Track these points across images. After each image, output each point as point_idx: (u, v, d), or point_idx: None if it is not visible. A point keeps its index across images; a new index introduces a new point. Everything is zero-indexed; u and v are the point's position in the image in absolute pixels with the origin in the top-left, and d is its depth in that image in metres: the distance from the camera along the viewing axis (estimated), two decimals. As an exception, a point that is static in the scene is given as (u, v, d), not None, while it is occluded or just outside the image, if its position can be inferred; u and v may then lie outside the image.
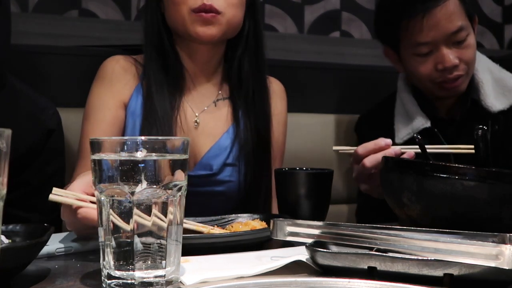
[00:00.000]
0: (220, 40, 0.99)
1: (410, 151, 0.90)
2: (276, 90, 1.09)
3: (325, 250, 0.57)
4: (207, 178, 0.98)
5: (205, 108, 1.01)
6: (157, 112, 0.96)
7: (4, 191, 0.42)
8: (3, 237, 0.58)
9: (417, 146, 0.84)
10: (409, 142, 1.10)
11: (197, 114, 1.00)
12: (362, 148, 0.91)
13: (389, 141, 0.90)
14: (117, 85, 1.00)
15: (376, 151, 0.89)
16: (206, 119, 1.01)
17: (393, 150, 0.89)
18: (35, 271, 0.59)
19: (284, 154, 1.12)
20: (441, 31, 1.06)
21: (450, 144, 1.00)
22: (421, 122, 1.13)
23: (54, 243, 0.66)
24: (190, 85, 1.02)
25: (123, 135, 0.99)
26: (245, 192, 1.00)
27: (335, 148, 1.01)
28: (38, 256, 0.59)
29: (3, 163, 0.41)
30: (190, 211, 0.85)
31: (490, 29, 1.92)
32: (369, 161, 0.89)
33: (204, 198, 0.98)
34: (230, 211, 0.86)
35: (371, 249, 0.57)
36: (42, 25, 1.33)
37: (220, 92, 1.04)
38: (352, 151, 0.94)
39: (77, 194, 0.66)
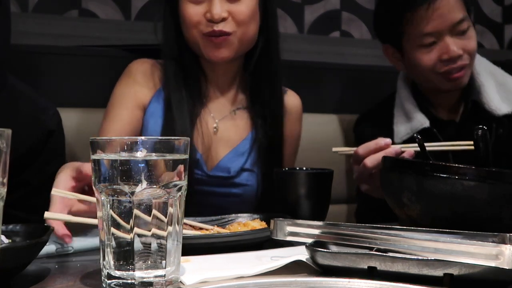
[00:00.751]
0: (234, 58, 1.01)
1: (410, 149, 0.90)
2: (291, 104, 1.11)
3: (325, 250, 0.57)
4: (224, 180, 1.01)
5: (224, 116, 1.05)
6: (176, 118, 0.99)
7: (4, 191, 0.42)
8: (3, 237, 0.58)
9: (417, 145, 0.84)
10: (408, 141, 1.10)
11: (216, 121, 1.04)
12: (362, 149, 0.91)
13: (388, 140, 0.90)
14: (138, 87, 1.03)
15: (376, 150, 0.89)
16: (225, 126, 1.05)
17: (393, 149, 0.90)
18: (35, 271, 0.59)
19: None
20: (445, 21, 1.08)
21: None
22: (420, 122, 1.13)
23: (54, 243, 0.66)
24: (210, 94, 1.05)
25: (140, 135, 1.02)
26: (261, 196, 1.04)
27: (334, 149, 1.01)
28: (38, 256, 0.59)
29: (3, 163, 0.41)
30: (206, 211, 0.91)
31: (490, 29, 1.91)
32: (370, 161, 0.89)
33: (221, 199, 1.01)
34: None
35: (371, 249, 0.57)
36: (42, 25, 1.33)
37: (238, 101, 1.07)
38: (352, 152, 0.94)
39: (77, 195, 0.66)
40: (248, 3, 0.97)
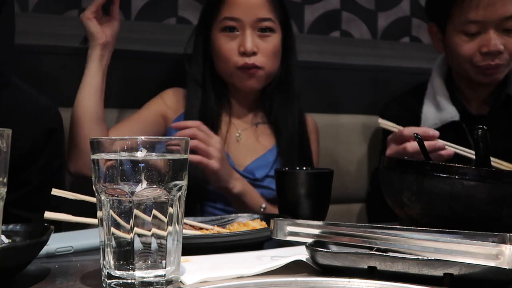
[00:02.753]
0: (261, 87, 1.14)
1: (451, 149, 0.89)
2: (311, 126, 1.23)
3: (325, 250, 0.57)
4: (251, 181, 1.11)
5: (247, 128, 1.17)
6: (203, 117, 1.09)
7: (4, 191, 0.42)
8: (3, 237, 0.58)
9: (458, 146, 0.84)
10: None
11: (239, 131, 1.16)
12: (408, 131, 0.90)
13: (437, 133, 0.90)
14: (165, 107, 1.15)
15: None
16: (247, 136, 1.16)
17: (437, 142, 0.89)
18: (35, 271, 0.59)
19: None
20: (495, 12, 1.07)
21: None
22: (451, 115, 1.13)
23: (54, 243, 0.66)
24: (233, 111, 1.17)
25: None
26: None
27: (381, 121, 1.01)
28: (38, 256, 0.59)
29: (4, 163, 0.41)
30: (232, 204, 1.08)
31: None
32: (411, 146, 0.89)
33: None
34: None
35: (371, 248, 0.57)
36: (42, 25, 1.32)
37: (259, 117, 1.18)
38: (396, 129, 0.93)
39: (77, 195, 0.66)
40: (274, 41, 1.10)
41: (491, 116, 1.16)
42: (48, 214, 0.64)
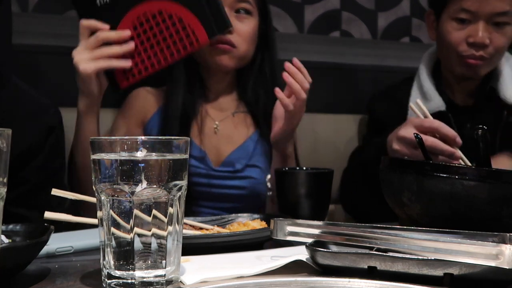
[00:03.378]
0: (233, 69, 1.11)
1: (464, 160, 0.87)
2: None
3: (325, 250, 0.57)
4: (231, 173, 1.09)
5: (224, 118, 1.13)
6: (174, 112, 1.08)
7: (4, 191, 0.42)
8: (3, 237, 0.58)
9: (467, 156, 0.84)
10: None
11: (216, 122, 1.12)
12: (430, 142, 0.85)
13: (460, 141, 0.87)
14: (135, 111, 1.13)
15: (442, 141, 0.87)
16: (226, 126, 1.13)
17: (456, 152, 0.86)
18: (35, 271, 0.59)
19: None
20: (488, 6, 1.08)
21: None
22: (437, 105, 1.14)
23: (54, 243, 0.66)
24: (209, 101, 1.13)
25: None
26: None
27: (413, 105, 0.96)
28: (38, 256, 0.59)
29: (4, 163, 0.41)
30: (215, 201, 1.07)
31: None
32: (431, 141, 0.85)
33: (229, 190, 1.09)
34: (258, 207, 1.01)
35: (371, 248, 0.57)
36: (42, 25, 1.32)
37: (236, 106, 1.15)
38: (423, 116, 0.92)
39: (77, 195, 0.66)
40: (250, 23, 1.09)
41: (475, 108, 1.17)
42: (48, 214, 0.64)
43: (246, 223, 0.75)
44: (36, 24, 1.32)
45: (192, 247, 0.63)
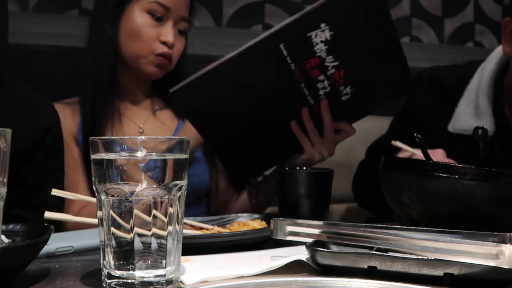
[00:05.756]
0: None
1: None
2: None
3: (325, 250, 0.57)
4: None
5: (146, 118, 1.12)
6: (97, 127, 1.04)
7: (4, 191, 0.42)
8: (3, 237, 0.58)
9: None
10: (456, 137, 1.00)
11: (140, 125, 1.11)
12: (420, 157, 0.80)
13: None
14: (70, 131, 1.06)
15: None
16: (150, 127, 1.12)
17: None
18: (35, 271, 0.59)
19: None
20: None
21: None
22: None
23: (54, 243, 0.66)
24: (126, 105, 1.11)
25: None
26: (208, 185, 1.10)
27: (396, 143, 0.93)
28: (38, 256, 0.59)
29: (3, 162, 0.41)
30: None
31: (490, 29, 1.91)
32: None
33: None
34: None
35: (371, 248, 0.57)
36: (42, 25, 1.32)
37: (154, 104, 1.14)
38: (409, 152, 0.88)
39: (77, 195, 0.66)
40: (183, 43, 1.10)
41: None
42: (48, 214, 0.64)
43: (246, 223, 0.75)
44: (36, 24, 1.32)
45: (192, 247, 0.63)
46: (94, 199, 0.59)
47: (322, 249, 0.56)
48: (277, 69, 0.89)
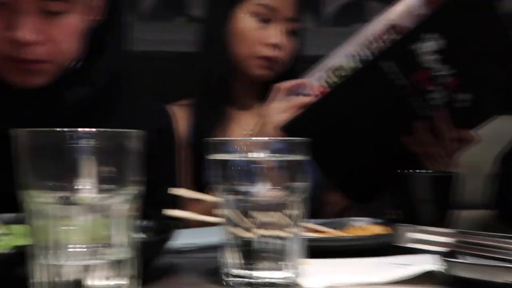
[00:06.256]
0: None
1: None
2: None
3: (463, 261, 0.52)
4: None
5: (256, 123, 1.11)
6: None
7: (143, 190, 0.45)
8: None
9: None
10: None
11: (250, 132, 1.13)
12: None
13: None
14: None
15: None
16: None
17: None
18: (162, 264, 0.62)
19: None
20: None
21: None
22: None
23: (179, 239, 0.69)
24: (236, 105, 1.15)
25: None
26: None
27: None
28: (163, 251, 0.61)
29: (139, 163, 0.43)
30: None
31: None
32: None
33: None
34: None
35: (510, 261, 0.52)
36: (155, 33, 1.39)
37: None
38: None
39: (195, 194, 0.68)
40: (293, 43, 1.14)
41: None
42: (168, 212, 0.67)
43: (365, 227, 0.72)
44: (149, 31, 1.38)
45: (312, 250, 0.62)
46: (214, 198, 0.60)
47: (460, 261, 0.52)
48: (384, 87, 0.86)
